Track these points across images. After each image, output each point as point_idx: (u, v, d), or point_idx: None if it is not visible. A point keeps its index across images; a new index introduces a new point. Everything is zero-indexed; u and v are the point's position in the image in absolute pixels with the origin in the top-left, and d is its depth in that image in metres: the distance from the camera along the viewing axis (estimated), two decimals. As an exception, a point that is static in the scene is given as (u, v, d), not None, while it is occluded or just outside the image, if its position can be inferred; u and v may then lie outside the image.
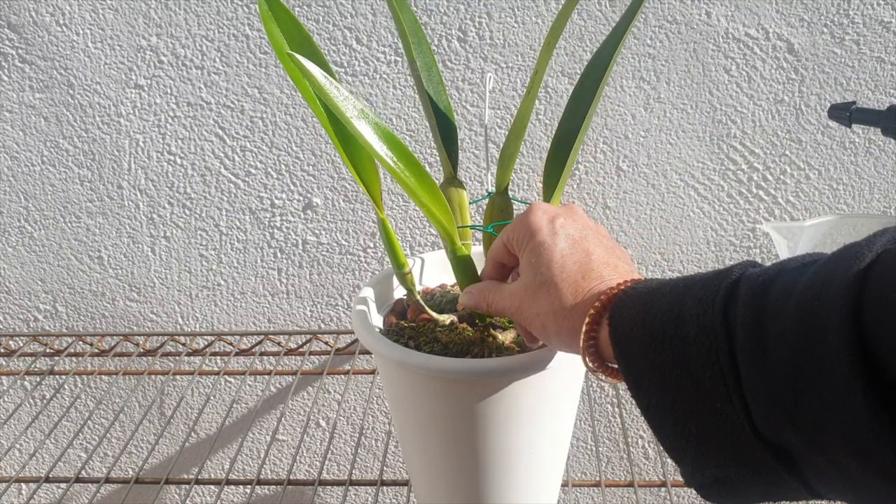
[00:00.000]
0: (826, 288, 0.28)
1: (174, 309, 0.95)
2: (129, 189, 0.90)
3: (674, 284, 0.35)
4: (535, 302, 0.41)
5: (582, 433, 0.96)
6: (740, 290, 0.31)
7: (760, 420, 0.30)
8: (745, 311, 0.31)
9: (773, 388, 0.29)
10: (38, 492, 1.04)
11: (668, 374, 0.33)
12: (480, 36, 0.81)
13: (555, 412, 0.52)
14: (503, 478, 0.52)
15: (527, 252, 0.43)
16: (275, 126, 0.86)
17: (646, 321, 0.34)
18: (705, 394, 0.32)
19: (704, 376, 0.32)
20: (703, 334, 0.32)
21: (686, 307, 0.33)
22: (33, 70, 0.85)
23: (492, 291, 0.47)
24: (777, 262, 0.32)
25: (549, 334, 0.41)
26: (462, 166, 0.86)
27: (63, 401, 1.01)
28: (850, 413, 0.26)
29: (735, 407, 0.31)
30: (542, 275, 0.41)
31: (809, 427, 0.28)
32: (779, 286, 0.30)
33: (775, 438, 0.30)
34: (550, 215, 0.43)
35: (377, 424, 0.99)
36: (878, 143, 0.82)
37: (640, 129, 0.83)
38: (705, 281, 0.33)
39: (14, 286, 0.96)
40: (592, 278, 0.40)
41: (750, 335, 0.30)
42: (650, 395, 0.34)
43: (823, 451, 0.28)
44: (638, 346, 0.35)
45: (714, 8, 0.78)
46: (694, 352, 0.32)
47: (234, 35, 0.83)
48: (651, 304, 0.35)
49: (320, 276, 0.92)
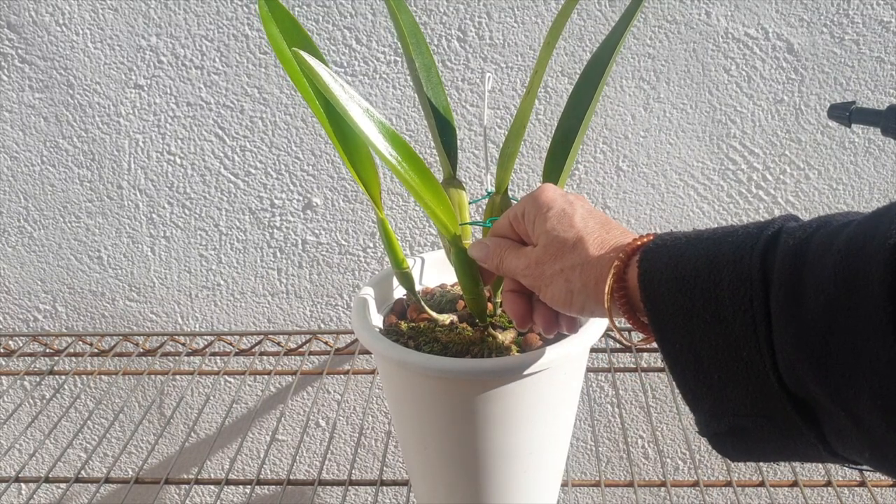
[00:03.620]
0: (869, 240, 0.27)
1: (174, 309, 0.95)
2: (129, 189, 0.90)
3: (711, 233, 0.35)
4: (557, 259, 0.41)
5: (582, 433, 0.96)
6: (780, 240, 0.31)
7: (787, 370, 0.30)
8: (784, 259, 0.30)
9: (805, 337, 0.29)
10: (37, 492, 1.04)
11: (697, 320, 0.33)
12: (480, 36, 0.81)
13: (555, 412, 0.52)
14: (503, 478, 0.52)
15: (543, 221, 0.42)
16: (274, 126, 0.86)
17: (678, 265, 0.34)
18: (734, 341, 0.31)
19: (735, 323, 0.31)
20: (737, 280, 0.31)
21: (722, 253, 0.33)
22: (33, 70, 0.85)
23: (507, 249, 0.45)
24: (820, 217, 0.32)
25: (574, 288, 0.40)
26: (462, 166, 0.86)
27: (63, 401, 1.01)
28: (883, 364, 0.26)
29: (763, 355, 0.31)
30: (566, 232, 0.41)
31: (837, 379, 0.28)
32: (820, 237, 0.30)
33: (799, 390, 0.30)
34: (562, 193, 0.44)
35: (377, 424, 0.99)
36: (877, 143, 0.82)
37: (639, 129, 0.83)
38: (745, 230, 0.33)
39: (14, 286, 0.96)
40: (617, 233, 0.40)
41: (787, 283, 0.30)
42: (675, 340, 0.34)
43: (848, 405, 0.28)
44: (667, 290, 0.34)
45: (714, 8, 0.78)
46: (727, 297, 0.32)
47: (234, 35, 0.83)
48: (686, 248, 0.34)
49: (320, 276, 0.92)
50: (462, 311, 0.56)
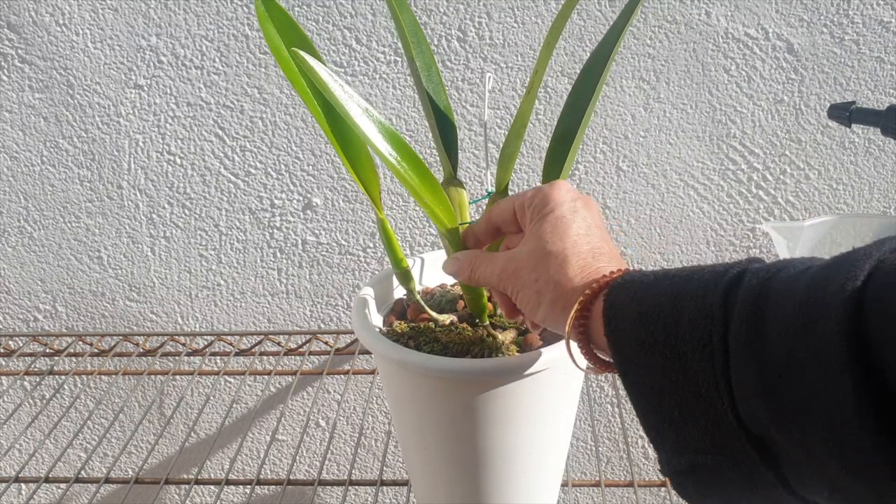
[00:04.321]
0: (830, 281, 0.28)
1: (174, 309, 0.95)
2: (129, 189, 0.90)
3: (678, 272, 0.35)
4: (537, 268, 0.41)
5: (582, 433, 0.96)
6: (744, 279, 0.32)
7: (743, 407, 0.30)
8: (746, 298, 0.30)
9: (761, 376, 0.29)
10: (37, 492, 1.04)
11: (658, 355, 0.33)
12: (480, 36, 0.81)
13: (554, 412, 0.52)
14: (503, 478, 0.52)
15: (541, 221, 0.42)
16: (274, 126, 0.86)
17: (643, 300, 0.34)
18: (692, 376, 0.32)
19: (693, 358, 0.31)
20: (698, 315, 0.32)
21: (687, 290, 0.33)
22: (33, 70, 0.85)
23: (480, 257, 0.45)
24: (781, 260, 0.33)
25: (542, 301, 0.40)
26: (462, 166, 0.86)
27: (63, 401, 1.01)
28: (836, 405, 0.26)
29: (720, 392, 0.31)
30: (555, 244, 0.41)
31: (791, 418, 0.28)
32: (782, 279, 0.30)
33: (756, 428, 0.30)
34: (573, 196, 0.43)
35: (377, 424, 0.99)
36: (877, 143, 0.82)
37: (639, 129, 0.83)
38: (712, 269, 0.34)
39: (14, 286, 0.96)
40: (603, 262, 0.40)
41: (747, 321, 0.30)
42: (637, 376, 0.34)
43: (803, 444, 0.28)
44: (630, 324, 0.34)
45: (714, 8, 0.78)
46: (686, 332, 0.32)
47: (234, 35, 0.83)
48: (651, 285, 0.35)
49: (320, 276, 0.92)
50: (462, 311, 0.56)
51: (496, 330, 0.53)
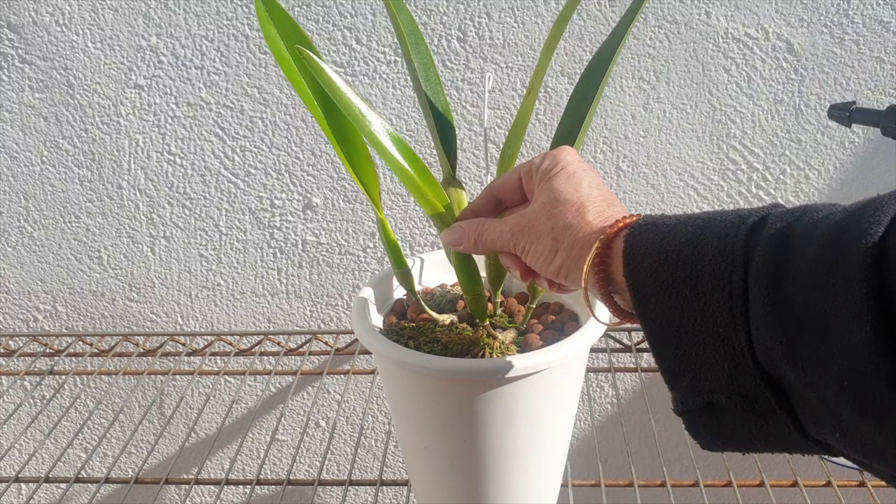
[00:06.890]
0: (853, 226, 0.28)
1: (174, 309, 0.95)
2: (129, 189, 0.90)
3: (701, 215, 0.35)
4: (552, 216, 0.41)
5: (582, 433, 0.96)
6: (767, 222, 0.32)
7: (761, 348, 0.31)
8: (769, 240, 0.31)
9: (780, 317, 0.29)
10: (37, 492, 1.04)
11: (677, 295, 0.33)
12: (480, 36, 0.81)
13: (554, 412, 0.52)
14: (503, 478, 0.52)
15: (551, 179, 0.42)
16: (274, 126, 0.86)
17: (664, 241, 0.34)
18: (711, 316, 0.32)
19: (713, 298, 0.32)
20: (719, 256, 0.32)
21: (709, 232, 0.33)
22: (33, 70, 0.85)
23: (485, 222, 0.45)
24: (804, 205, 0.33)
25: (560, 247, 0.40)
26: (462, 166, 0.86)
27: (63, 401, 1.01)
28: (854, 347, 0.26)
29: (738, 332, 0.31)
30: (570, 194, 0.41)
31: (807, 360, 0.28)
32: (805, 222, 0.30)
33: (772, 369, 0.31)
34: (578, 158, 0.44)
35: (377, 424, 0.99)
36: (877, 143, 0.82)
37: (639, 129, 0.83)
38: (735, 213, 0.34)
39: (14, 286, 0.96)
40: (616, 209, 0.40)
41: (767, 262, 0.30)
42: (656, 315, 0.34)
43: (816, 387, 0.29)
44: (650, 265, 0.34)
45: (714, 8, 0.78)
46: (707, 272, 0.32)
47: (234, 35, 0.83)
48: (674, 228, 0.35)
49: (320, 276, 0.92)
50: (462, 311, 0.56)
51: (496, 330, 0.53)
